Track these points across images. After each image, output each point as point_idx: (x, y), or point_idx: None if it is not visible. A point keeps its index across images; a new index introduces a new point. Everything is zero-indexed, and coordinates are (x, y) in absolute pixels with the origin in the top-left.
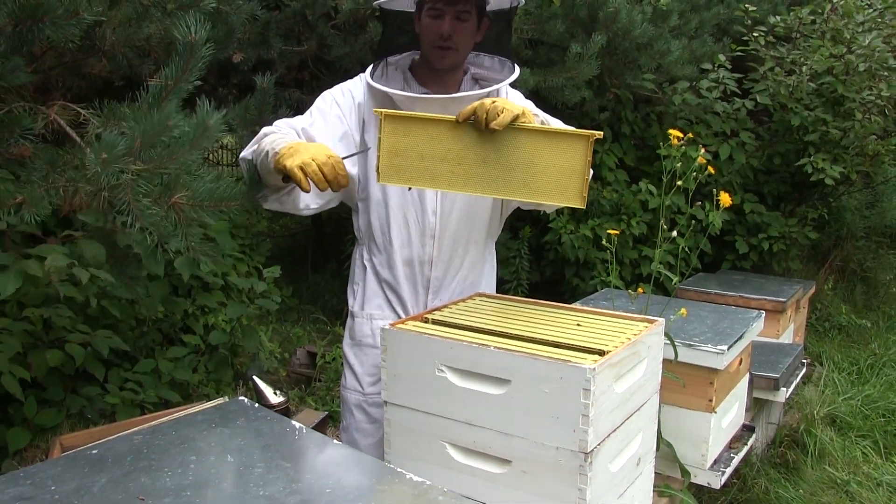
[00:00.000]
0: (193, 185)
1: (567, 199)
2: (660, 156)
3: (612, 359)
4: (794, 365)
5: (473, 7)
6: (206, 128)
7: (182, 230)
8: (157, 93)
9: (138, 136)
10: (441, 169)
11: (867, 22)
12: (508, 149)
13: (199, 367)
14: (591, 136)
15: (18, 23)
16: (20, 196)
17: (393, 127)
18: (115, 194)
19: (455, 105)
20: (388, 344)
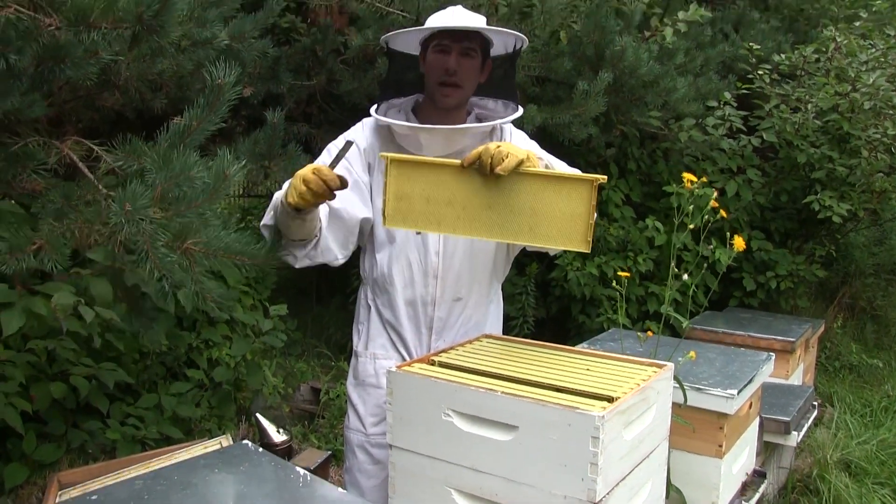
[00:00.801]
0: (207, 233)
1: (572, 243)
2: (666, 192)
3: (620, 406)
4: (804, 407)
5: (478, 45)
6: (225, 178)
7: (192, 277)
8: (179, 132)
9: (159, 185)
10: (447, 213)
11: (871, 61)
12: (513, 193)
13: (202, 402)
14: (594, 180)
15: (40, 63)
16: (39, 241)
17: (399, 171)
18: (133, 239)
19: (457, 137)
20: (393, 386)
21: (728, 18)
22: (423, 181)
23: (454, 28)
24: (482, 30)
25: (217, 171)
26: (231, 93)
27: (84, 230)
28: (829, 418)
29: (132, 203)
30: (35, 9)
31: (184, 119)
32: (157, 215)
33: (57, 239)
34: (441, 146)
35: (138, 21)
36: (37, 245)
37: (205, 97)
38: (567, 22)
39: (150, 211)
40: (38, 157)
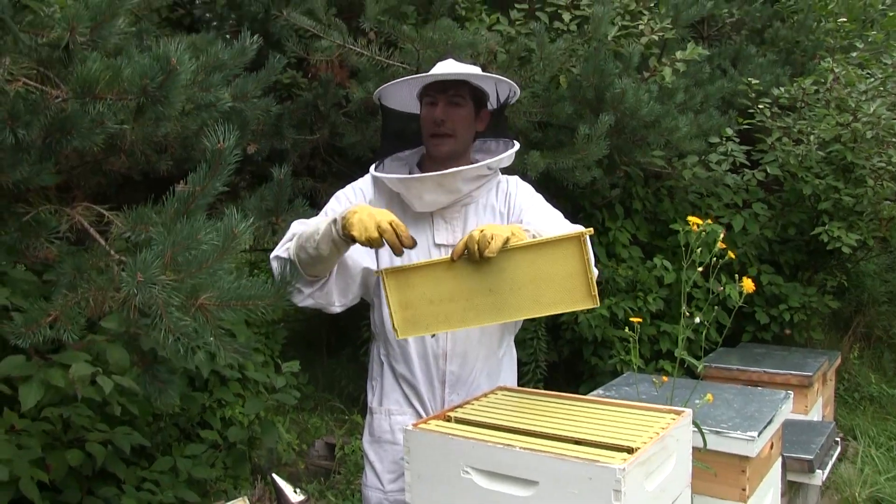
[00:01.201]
0: (219, 286)
1: (578, 302)
2: (672, 230)
3: (641, 456)
4: (827, 444)
5: (468, 94)
6: (234, 237)
7: (212, 332)
8: (184, 198)
9: (169, 250)
10: (452, 309)
11: (870, 90)
12: (509, 271)
13: (217, 463)
14: (580, 235)
15: (48, 135)
16: (53, 312)
17: (396, 281)
18: (147, 305)
19: (450, 182)
20: (410, 445)
21: (725, 54)
22: (420, 284)
23: (434, 77)
24: (463, 76)
25: (226, 231)
26: (232, 156)
27: (98, 298)
28: (853, 453)
29: (143, 272)
30: (43, 81)
31: (188, 185)
32: (168, 279)
33: (71, 309)
34: (437, 194)
35: (143, 92)
36: (52, 316)
37: (206, 162)
38: (566, 66)
39: (162, 277)
40: (50, 225)
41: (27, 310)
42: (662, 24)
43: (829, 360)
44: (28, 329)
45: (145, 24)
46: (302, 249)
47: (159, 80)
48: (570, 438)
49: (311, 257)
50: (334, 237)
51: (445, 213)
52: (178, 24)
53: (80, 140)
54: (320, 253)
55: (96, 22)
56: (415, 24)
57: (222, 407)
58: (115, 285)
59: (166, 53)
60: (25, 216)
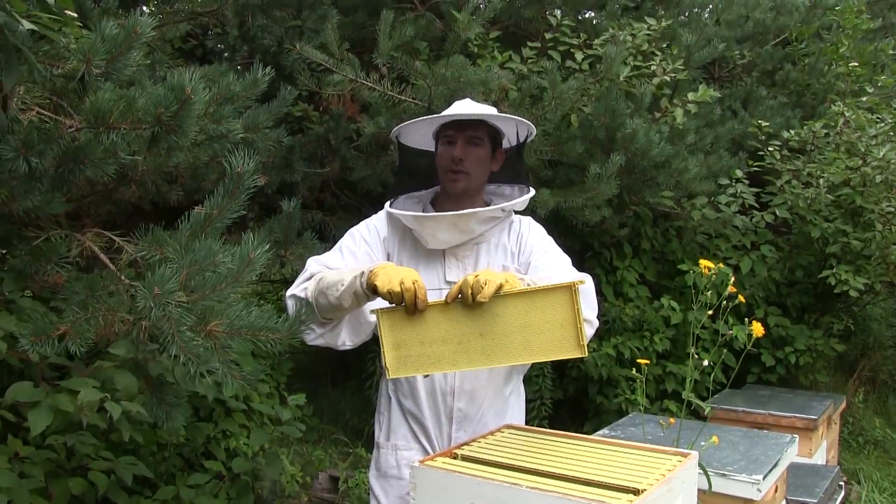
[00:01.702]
0: (228, 313)
1: (567, 351)
2: (680, 270)
3: (647, 498)
4: (831, 488)
5: (485, 134)
6: (249, 262)
7: (219, 359)
8: (200, 221)
9: (184, 269)
10: (443, 351)
11: (880, 135)
12: (501, 317)
13: (221, 494)
14: (572, 285)
15: (61, 164)
16: (63, 326)
17: (390, 321)
18: (158, 325)
19: (465, 223)
20: (417, 481)
21: (736, 95)
22: (413, 325)
23: (453, 117)
24: (481, 116)
25: (242, 255)
26: (250, 181)
27: (108, 318)
28: (856, 497)
29: (161, 287)
30: (56, 111)
31: (205, 208)
32: (182, 298)
33: (81, 325)
34: (451, 233)
35: (157, 122)
36: (61, 330)
37: (224, 186)
38: (578, 105)
39: (177, 295)
40: (60, 250)
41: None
42: (674, 66)
43: (834, 403)
44: (36, 339)
45: (158, 55)
46: (322, 295)
47: (174, 109)
48: (577, 478)
49: (331, 305)
50: (357, 289)
51: (457, 251)
52: (190, 55)
53: (92, 169)
54: (341, 303)
55: (112, 54)
56: (427, 60)
57: (227, 438)
58: (125, 308)
59: (181, 83)
60: (35, 241)
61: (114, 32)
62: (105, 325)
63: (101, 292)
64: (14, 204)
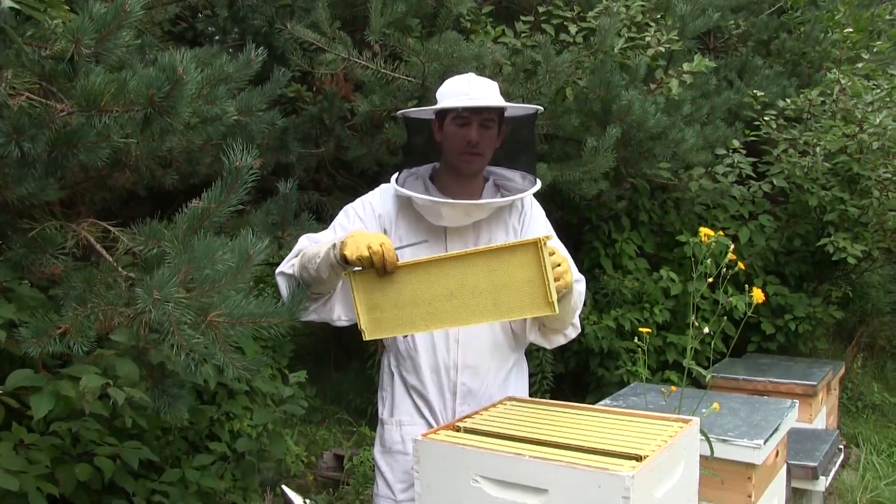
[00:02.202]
0: (229, 303)
1: (537, 308)
2: (679, 241)
3: (649, 464)
4: (831, 451)
5: (496, 116)
6: (248, 258)
7: (220, 349)
8: (197, 215)
9: (183, 266)
10: (415, 313)
11: (876, 101)
12: (469, 276)
13: (226, 475)
14: (538, 241)
15: (54, 149)
16: (63, 325)
17: (363, 285)
18: (160, 322)
19: (476, 210)
20: (420, 455)
21: (732, 66)
22: (385, 288)
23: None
24: (507, 107)
25: (241, 251)
26: (249, 175)
27: (107, 312)
28: (855, 460)
29: (160, 289)
30: (47, 95)
31: (202, 201)
32: (182, 296)
33: (81, 323)
34: (461, 217)
35: (149, 103)
36: (62, 329)
37: (222, 180)
38: (572, 79)
39: (177, 294)
40: (55, 241)
41: (35, 322)
42: (669, 36)
43: (833, 369)
44: (38, 340)
45: (148, 37)
46: (304, 269)
47: (166, 89)
48: (579, 447)
49: (313, 278)
50: (332, 261)
51: (459, 231)
52: (180, 37)
53: (85, 154)
54: (320, 276)
55: (101, 34)
56: (420, 36)
57: (231, 419)
58: (123, 301)
59: (172, 63)
60: (31, 232)
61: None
62: (104, 319)
63: (98, 286)
64: (8, 192)
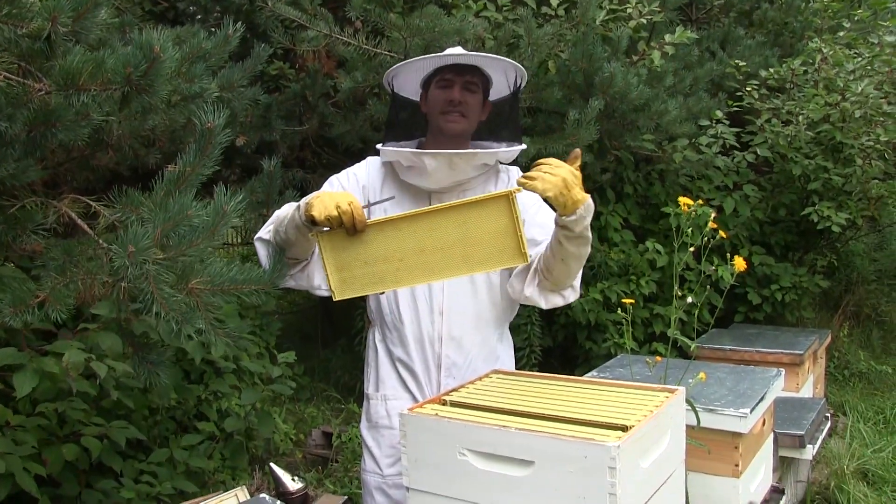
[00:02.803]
0: (209, 270)
1: (508, 259)
2: (664, 213)
3: (635, 434)
4: (818, 419)
5: (479, 82)
6: (223, 214)
7: (201, 315)
8: (173, 180)
9: (159, 226)
10: (386, 269)
11: (858, 70)
12: (439, 230)
13: (215, 454)
14: (509, 193)
15: (32, 129)
16: (42, 294)
17: (332, 244)
18: (138, 284)
19: (461, 164)
20: (406, 429)
21: (714, 37)
22: (353, 246)
23: (457, 59)
24: (486, 58)
25: (216, 208)
26: (222, 135)
27: (87, 283)
28: (842, 428)
29: (135, 245)
30: (24, 75)
31: (178, 166)
32: (158, 256)
33: (60, 291)
34: (446, 173)
35: (127, 82)
36: (40, 298)
37: (196, 143)
38: (554, 51)
39: (153, 252)
40: (36, 217)
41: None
42: (650, 7)
43: (819, 338)
44: (15, 309)
45: (128, 17)
46: (276, 233)
47: (143, 68)
48: (565, 418)
49: (284, 241)
50: (297, 222)
51: (443, 197)
52: (161, 17)
53: (65, 133)
54: (288, 237)
55: (78, 12)
56: (401, 12)
57: (218, 399)
58: (104, 271)
59: (149, 41)
60: (11, 209)
61: None
62: (84, 289)
63: (78, 257)
64: None
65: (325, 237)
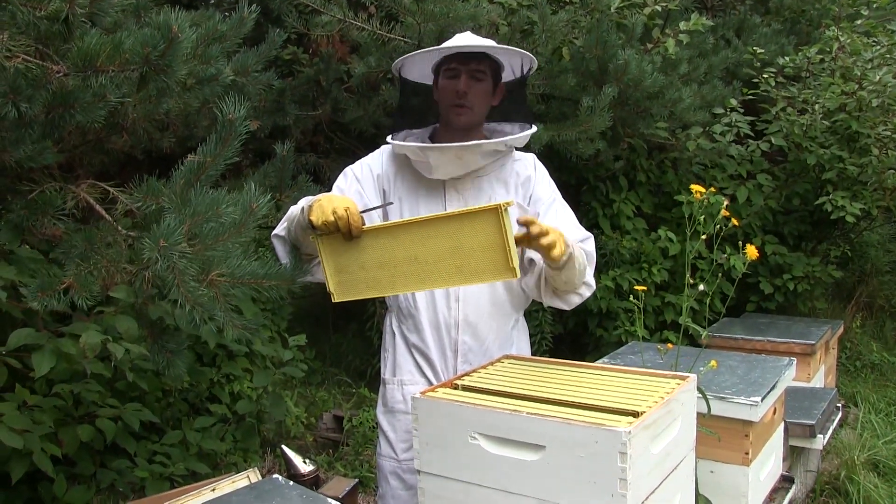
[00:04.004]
0: (230, 263)
1: (498, 274)
2: (677, 202)
3: (646, 420)
4: (828, 410)
5: (487, 68)
6: (251, 211)
7: (219, 307)
8: (193, 169)
9: (187, 220)
10: (381, 275)
11: (876, 58)
12: (432, 241)
13: (227, 436)
14: (498, 207)
15: (51, 111)
16: (67, 280)
17: (330, 248)
18: (163, 276)
19: (469, 156)
20: (418, 412)
21: (729, 24)
22: (351, 251)
23: (459, 49)
24: (488, 49)
25: (244, 205)
26: (242, 126)
27: (109, 269)
28: (853, 419)
29: (167, 239)
30: (42, 57)
31: (197, 156)
32: (186, 251)
33: (85, 278)
34: (454, 165)
35: (145, 62)
36: (66, 284)
37: (216, 133)
38: (569, 38)
39: (182, 246)
40: (55, 203)
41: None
42: None
43: (831, 329)
44: (42, 294)
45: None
46: (288, 231)
47: (161, 48)
48: (576, 403)
49: (295, 239)
50: (302, 224)
51: (458, 184)
52: (175, 1)
53: (82, 114)
54: (297, 236)
55: None
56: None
57: (231, 382)
58: (125, 258)
59: (167, 22)
60: (30, 194)
61: None
62: (107, 276)
63: (99, 244)
64: (6, 155)
65: (325, 241)
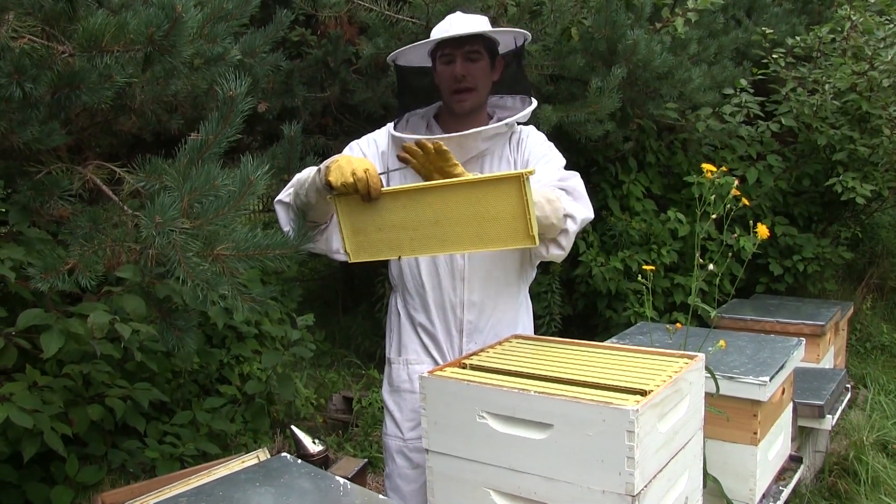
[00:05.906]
0: (234, 237)
1: (518, 241)
2: (686, 183)
3: (654, 398)
4: (837, 390)
5: (482, 47)
6: (250, 184)
7: (226, 281)
8: (196, 147)
9: (185, 196)
10: (401, 237)
11: (888, 38)
12: (454, 205)
13: (237, 417)
14: (520, 175)
15: (56, 91)
16: (71, 260)
17: (348, 208)
18: (165, 253)
19: (471, 142)
20: (426, 392)
21: (740, 4)
22: (370, 212)
23: (447, 38)
24: (470, 34)
25: (242, 178)
26: (244, 103)
27: (114, 249)
28: (862, 400)
29: (162, 215)
30: (48, 38)
31: (200, 134)
32: (185, 225)
33: (90, 258)
34: (457, 152)
35: (150, 42)
36: (70, 265)
37: (219, 110)
38: (578, 18)
39: (180, 222)
40: (62, 184)
41: (45, 258)
42: None
43: (841, 310)
44: (46, 275)
45: None
46: (297, 196)
47: (165, 28)
48: (584, 382)
49: (304, 204)
50: (317, 185)
51: (465, 164)
52: None
53: (88, 95)
54: (309, 200)
55: None
56: None
57: (240, 363)
58: (130, 238)
59: (171, 1)
60: (37, 175)
61: None
62: (112, 255)
63: (104, 224)
64: (13, 136)
65: (342, 201)
